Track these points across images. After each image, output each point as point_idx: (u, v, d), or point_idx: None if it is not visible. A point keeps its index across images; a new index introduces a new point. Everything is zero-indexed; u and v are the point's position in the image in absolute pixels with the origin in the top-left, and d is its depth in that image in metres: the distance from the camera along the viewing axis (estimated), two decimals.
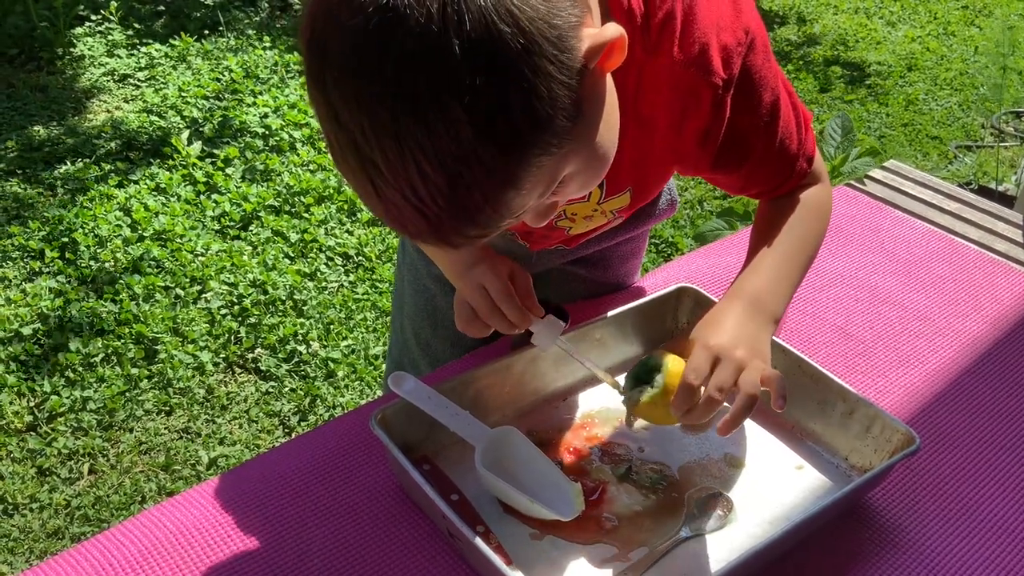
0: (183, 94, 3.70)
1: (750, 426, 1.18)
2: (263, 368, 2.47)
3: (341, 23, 0.67)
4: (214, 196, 3.12)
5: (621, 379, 1.07)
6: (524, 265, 1.26)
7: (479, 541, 0.90)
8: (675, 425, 1.16)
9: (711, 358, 0.94)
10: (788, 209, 1.09)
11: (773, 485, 1.10)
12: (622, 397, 1.04)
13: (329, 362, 2.50)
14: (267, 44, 4.14)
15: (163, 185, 3.15)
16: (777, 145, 1.04)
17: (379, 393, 2.34)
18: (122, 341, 2.49)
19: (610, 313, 1.24)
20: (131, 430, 2.27)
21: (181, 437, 2.27)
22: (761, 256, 1.06)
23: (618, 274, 1.42)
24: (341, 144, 0.71)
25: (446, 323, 1.39)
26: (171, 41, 4.10)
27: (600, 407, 1.19)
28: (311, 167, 3.35)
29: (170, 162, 3.29)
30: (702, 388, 0.93)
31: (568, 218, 1.13)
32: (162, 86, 3.78)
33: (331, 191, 3.20)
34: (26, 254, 2.78)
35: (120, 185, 3.14)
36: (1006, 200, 2.95)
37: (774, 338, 1.15)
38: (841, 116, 2.19)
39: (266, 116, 3.58)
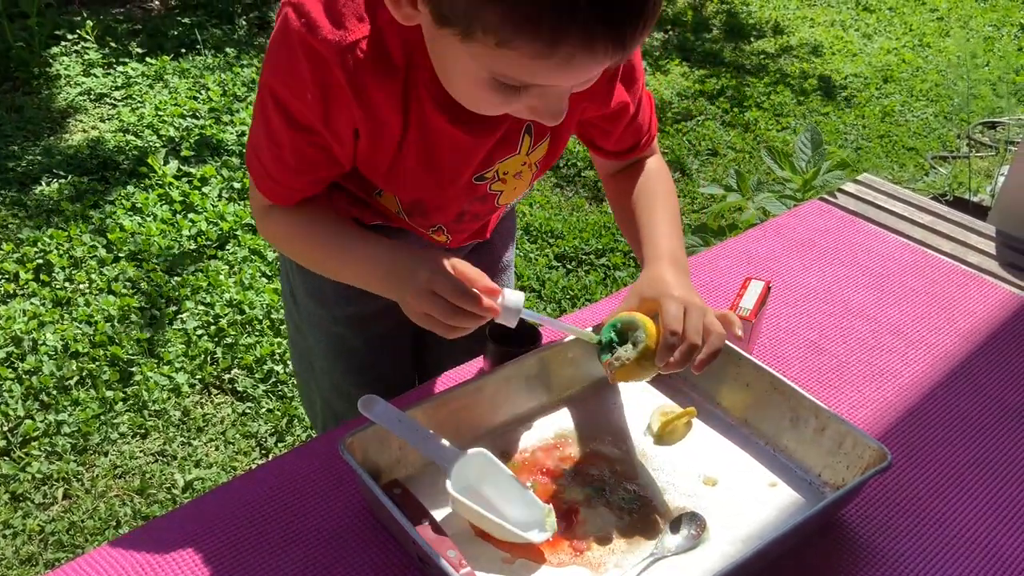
0: (160, 113, 3.68)
1: (723, 443, 1.17)
2: (240, 389, 2.45)
3: None
4: (190, 215, 3.10)
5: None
6: None
7: (448, 567, 0.89)
8: (657, 432, 1.17)
9: (681, 307, 1.02)
10: (647, 176, 1.24)
11: (746, 503, 1.09)
12: (604, 359, 1.06)
13: None
14: (244, 62, 4.13)
15: (139, 205, 3.13)
16: (644, 94, 1.18)
17: None
18: (97, 363, 2.47)
19: (583, 332, 1.23)
20: (106, 454, 2.24)
21: (157, 460, 2.25)
22: (653, 219, 1.18)
23: (500, 255, 1.45)
24: None
25: (364, 365, 1.38)
26: (148, 60, 4.08)
27: (572, 427, 1.19)
28: None
29: (146, 181, 3.27)
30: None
31: (500, 179, 1.15)
32: (139, 105, 3.76)
33: None
34: (0, 276, 2.76)
35: (96, 205, 3.12)
36: (981, 211, 2.96)
37: (746, 355, 1.16)
38: (810, 129, 2.20)
39: (243, 134, 3.57)
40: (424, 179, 1.08)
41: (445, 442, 1.06)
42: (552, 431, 1.18)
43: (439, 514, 1.05)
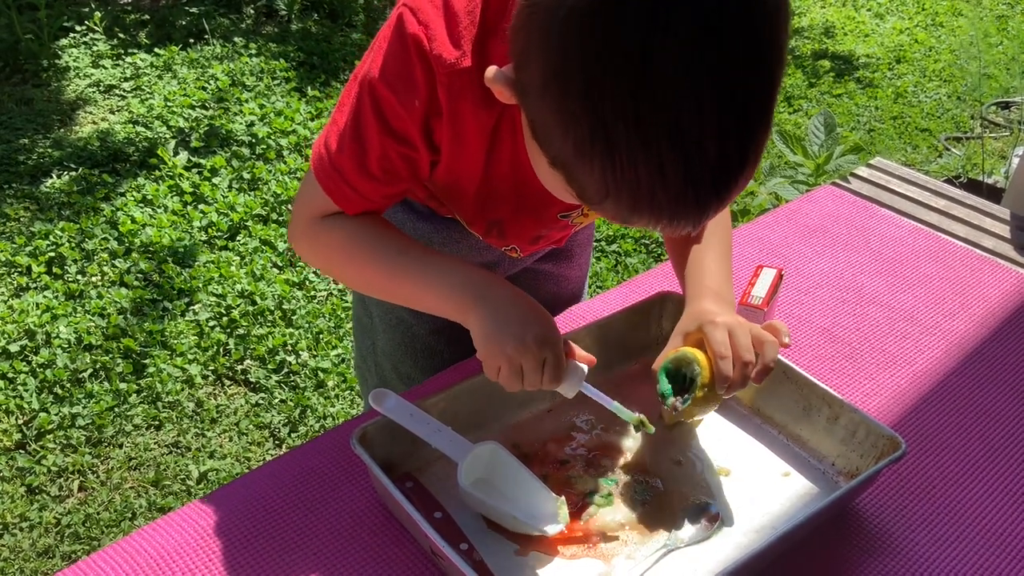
0: (169, 104, 3.68)
1: (736, 433, 1.17)
2: (252, 380, 2.46)
3: None
4: (201, 207, 3.11)
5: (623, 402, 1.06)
6: (497, 270, 1.25)
7: (460, 561, 0.89)
8: (667, 421, 1.17)
9: (725, 331, 1.01)
10: (712, 220, 1.16)
11: (760, 493, 1.09)
12: (668, 406, 1.03)
13: (319, 372, 2.49)
14: (253, 51, 4.12)
15: (150, 197, 3.13)
16: None
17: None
18: (110, 356, 2.48)
19: (595, 321, 1.23)
20: (121, 446, 2.26)
21: (171, 452, 2.26)
22: (703, 260, 1.14)
23: (579, 263, 1.45)
24: (655, 123, 0.68)
25: (426, 352, 1.38)
26: (156, 50, 4.08)
27: (584, 418, 1.18)
28: (298, 175, 3.33)
29: (156, 173, 3.28)
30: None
31: (584, 214, 1.14)
32: (148, 96, 3.76)
33: None
34: (13, 269, 2.77)
35: (107, 198, 3.12)
36: (995, 192, 2.94)
37: None
38: (824, 113, 2.18)
39: (252, 124, 3.57)
40: (509, 209, 1.08)
41: (456, 435, 1.06)
42: (564, 422, 1.18)
43: (451, 507, 1.05)
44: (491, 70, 0.81)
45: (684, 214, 0.73)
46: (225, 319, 2.64)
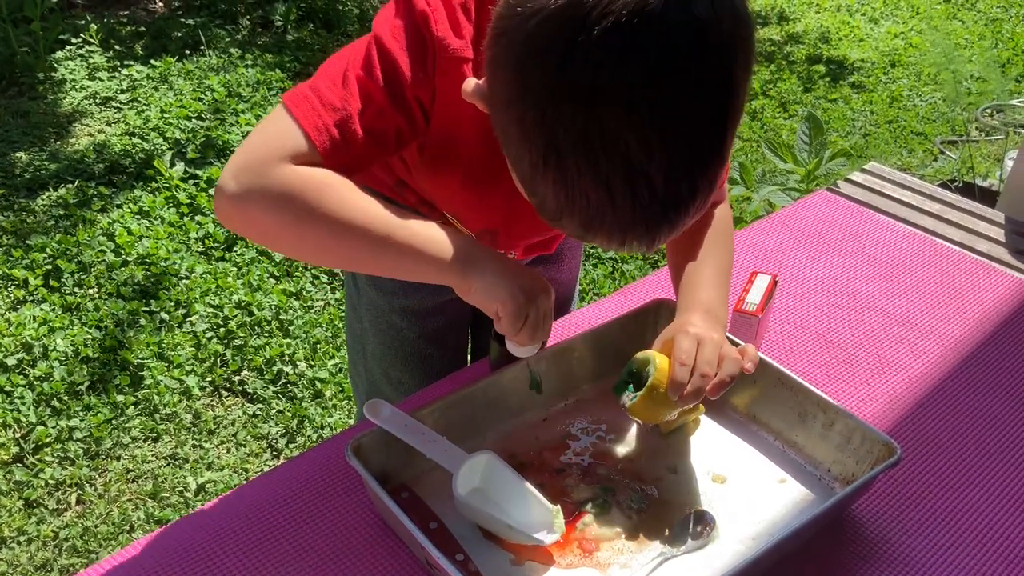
0: (165, 115, 3.69)
1: (731, 440, 1.17)
2: (250, 390, 2.45)
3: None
4: (197, 218, 3.11)
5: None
6: None
7: (456, 571, 0.89)
8: (662, 429, 1.17)
9: (695, 341, 1.01)
10: (709, 224, 1.19)
11: (756, 500, 1.09)
12: (621, 401, 1.06)
13: (316, 382, 2.48)
14: (249, 62, 4.12)
15: (146, 208, 3.13)
16: None
17: None
18: (107, 368, 2.48)
19: (590, 329, 1.23)
20: (118, 458, 2.25)
21: (169, 463, 2.25)
22: (700, 269, 1.14)
23: (569, 266, 1.47)
24: (604, 154, 0.71)
25: (416, 356, 1.38)
26: (152, 62, 4.08)
27: (580, 427, 1.18)
28: None
29: (153, 185, 3.27)
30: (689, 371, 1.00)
31: None
32: (144, 108, 3.77)
33: None
34: (9, 282, 2.77)
35: (103, 210, 3.12)
36: (990, 196, 2.94)
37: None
38: (808, 117, 2.18)
39: (248, 135, 3.56)
40: (501, 216, 1.09)
41: (451, 445, 1.05)
42: (559, 431, 1.18)
43: (447, 517, 1.05)
44: (468, 83, 0.85)
45: (635, 238, 0.78)
46: (222, 330, 2.63)
